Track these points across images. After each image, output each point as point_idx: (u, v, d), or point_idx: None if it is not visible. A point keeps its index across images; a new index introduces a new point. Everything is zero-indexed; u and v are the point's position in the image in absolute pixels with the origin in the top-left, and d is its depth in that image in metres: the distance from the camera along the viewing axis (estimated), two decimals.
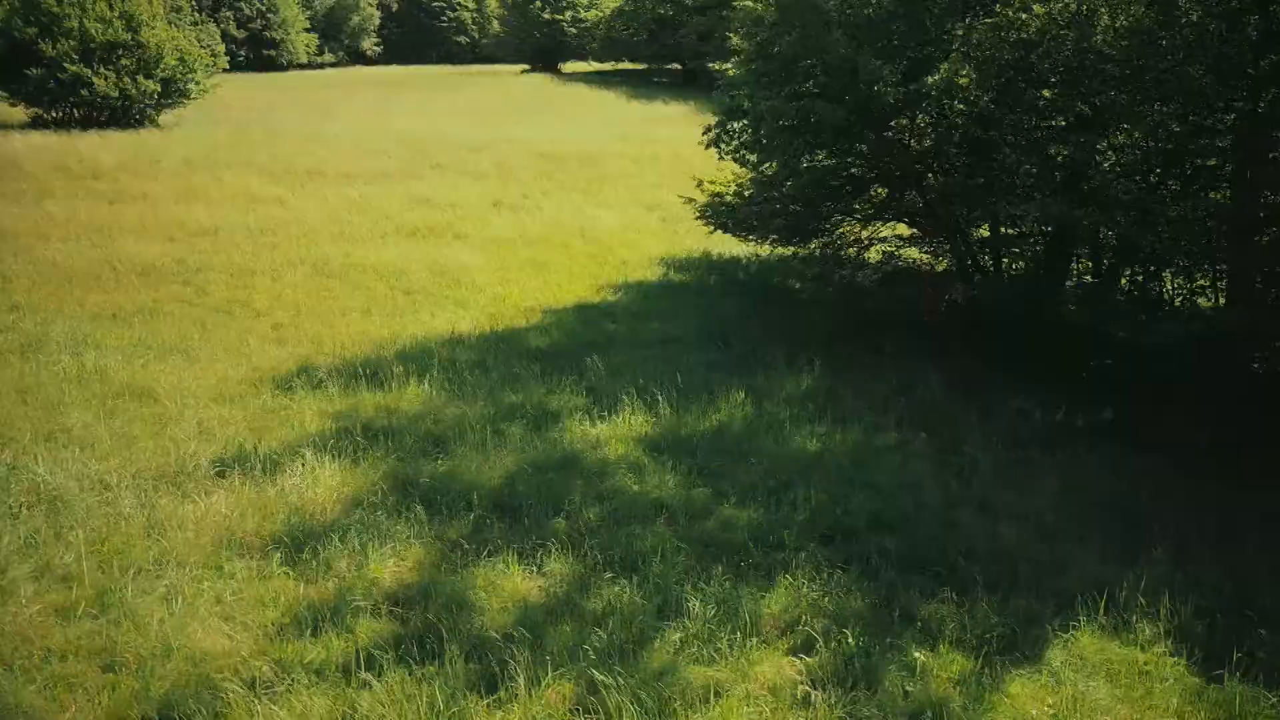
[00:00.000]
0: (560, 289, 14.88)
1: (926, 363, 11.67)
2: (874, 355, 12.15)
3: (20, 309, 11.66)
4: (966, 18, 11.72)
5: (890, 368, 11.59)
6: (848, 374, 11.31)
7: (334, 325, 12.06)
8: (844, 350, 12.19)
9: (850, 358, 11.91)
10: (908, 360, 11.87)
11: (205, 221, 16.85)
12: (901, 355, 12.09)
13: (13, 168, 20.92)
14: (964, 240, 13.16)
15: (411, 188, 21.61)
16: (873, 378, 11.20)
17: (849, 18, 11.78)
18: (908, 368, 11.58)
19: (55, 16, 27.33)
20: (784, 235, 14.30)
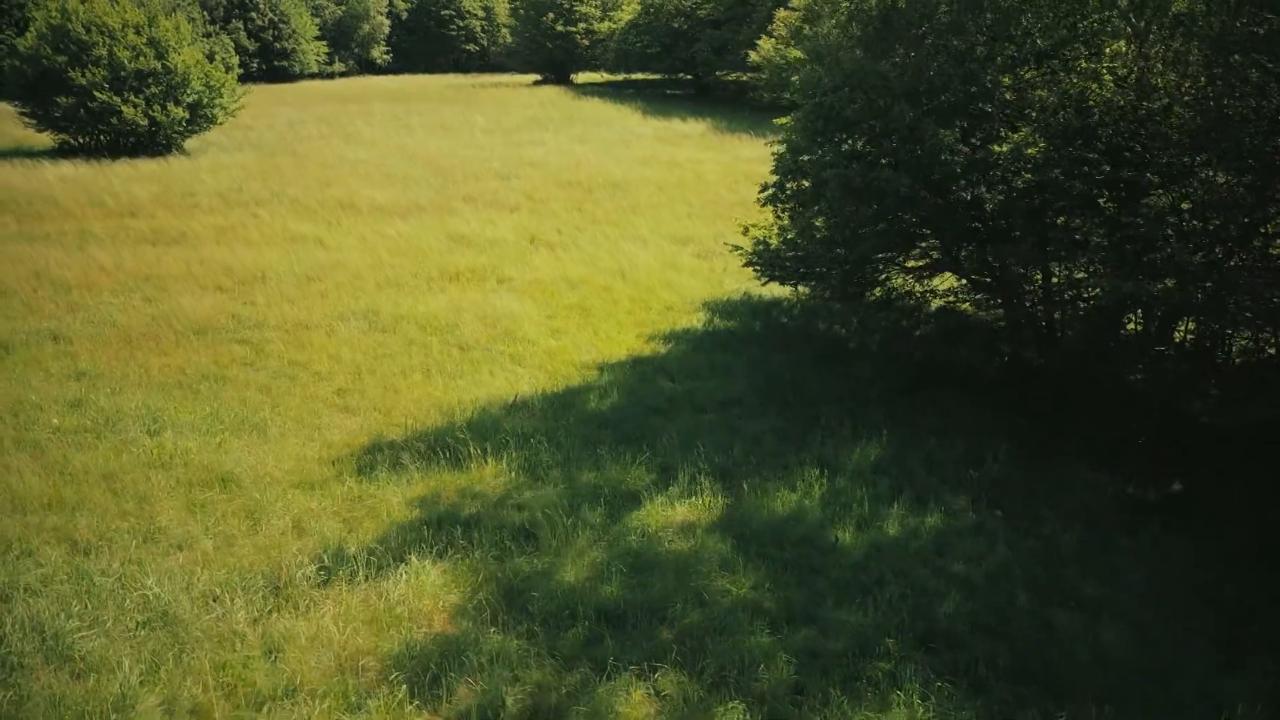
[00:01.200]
0: (610, 340, 14.90)
1: (988, 425, 11.72)
2: (934, 416, 12.16)
3: (87, 377, 11.69)
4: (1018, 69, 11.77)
5: (953, 431, 11.60)
6: (913, 440, 11.32)
7: (398, 389, 12.08)
8: (903, 411, 12.20)
9: (911, 421, 11.92)
10: (968, 421, 11.91)
11: (251, 266, 16.88)
12: (961, 414, 12.12)
13: (50, 204, 20.98)
14: (1019, 300, 13.16)
15: (447, 224, 21.64)
16: (938, 444, 11.21)
17: (911, 85, 11.81)
18: (970, 431, 11.60)
19: (85, 45, 27.38)
20: (838, 290, 14.31)
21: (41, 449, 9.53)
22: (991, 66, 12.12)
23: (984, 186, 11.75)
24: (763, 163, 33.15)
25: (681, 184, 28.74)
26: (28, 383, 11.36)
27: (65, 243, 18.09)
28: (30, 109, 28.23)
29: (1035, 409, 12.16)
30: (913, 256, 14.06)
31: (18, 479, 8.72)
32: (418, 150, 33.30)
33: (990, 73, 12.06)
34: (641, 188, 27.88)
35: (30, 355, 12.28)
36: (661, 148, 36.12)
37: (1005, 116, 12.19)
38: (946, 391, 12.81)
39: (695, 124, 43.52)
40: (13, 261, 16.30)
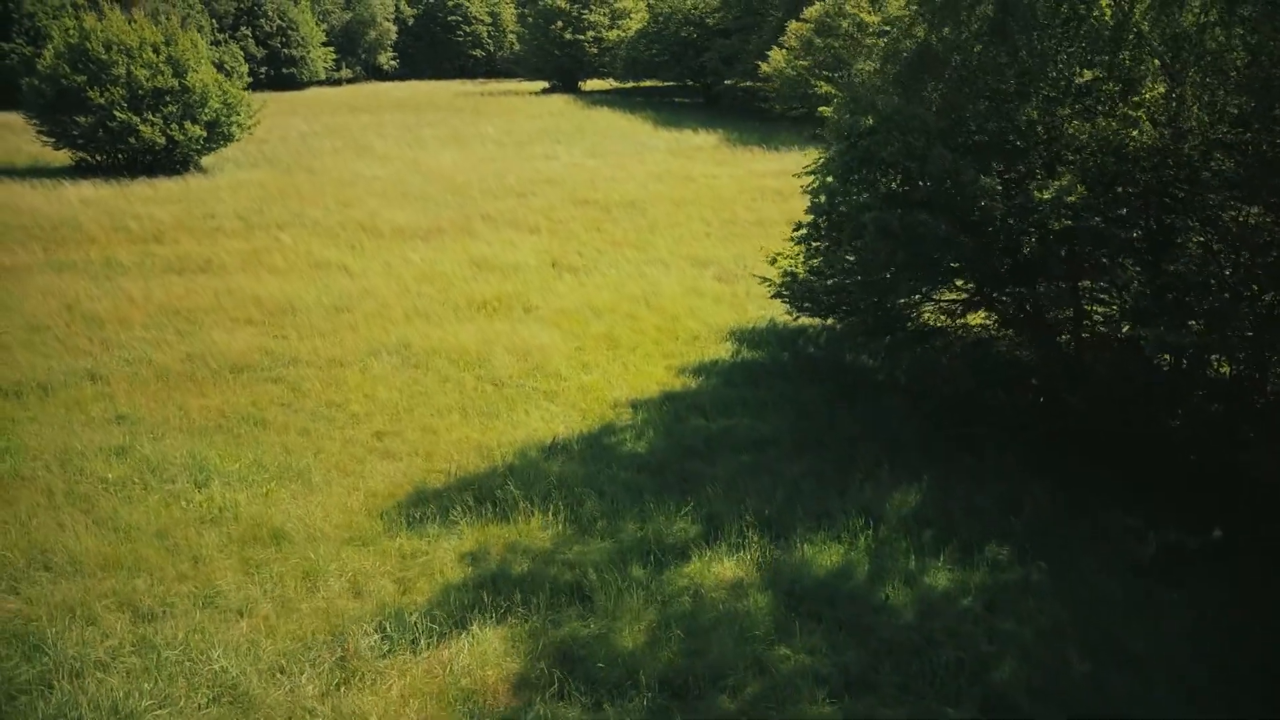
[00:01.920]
0: (639, 373, 14.94)
1: (1022, 465, 11.77)
2: (969, 456, 12.19)
3: (127, 421, 11.74)
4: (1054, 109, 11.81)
5: (989, 473, 11.65)
6: (950, 483, 11.36)
7: (436, 431, 12.13)
8: (938, 450, 12.25)
9: (947, 461, 11.97)
10: (1002, 461, 11.95)
11: (279, 296, 16.94)
12: (995, 454, 12.16)
13: (75, 230, 21.05)
14: (1050, 339, 13.18)
15: (468, 247, 21.69)
16: (975, 488, 11.26)
17: (948, 127, 11.85)
18: (1005, 472, 11.65)
19: (104, 64, 27.44)
20: (869, 325, 14.33)
21: (92, 503, 9.58)
22: (1026, 105, 12.18)
23: (1021, 231, 11.78)
24: (776, 178, 33.43)
25: (698, 201, 28.79)
26: (71, 428, 11.42)
27: (93, 272, 18.15)
28: (48, 127, 28.26)
29: (1069, 449, 12.20)
30: (945, 292, 14.11)
31: (73, 538, 8.76)
32: (432, 165, 33.38)
33: (1025, 111, 12.12)
34: (658, 205, 27.93)
35: (70, 397, 12.34)
36: (675, 161, 36.18)
37: (1042, 157, 12.24)
38: (978, 428, 12.86)
39: (706, 135, 43.59)
40: (44, 294, 16.36)
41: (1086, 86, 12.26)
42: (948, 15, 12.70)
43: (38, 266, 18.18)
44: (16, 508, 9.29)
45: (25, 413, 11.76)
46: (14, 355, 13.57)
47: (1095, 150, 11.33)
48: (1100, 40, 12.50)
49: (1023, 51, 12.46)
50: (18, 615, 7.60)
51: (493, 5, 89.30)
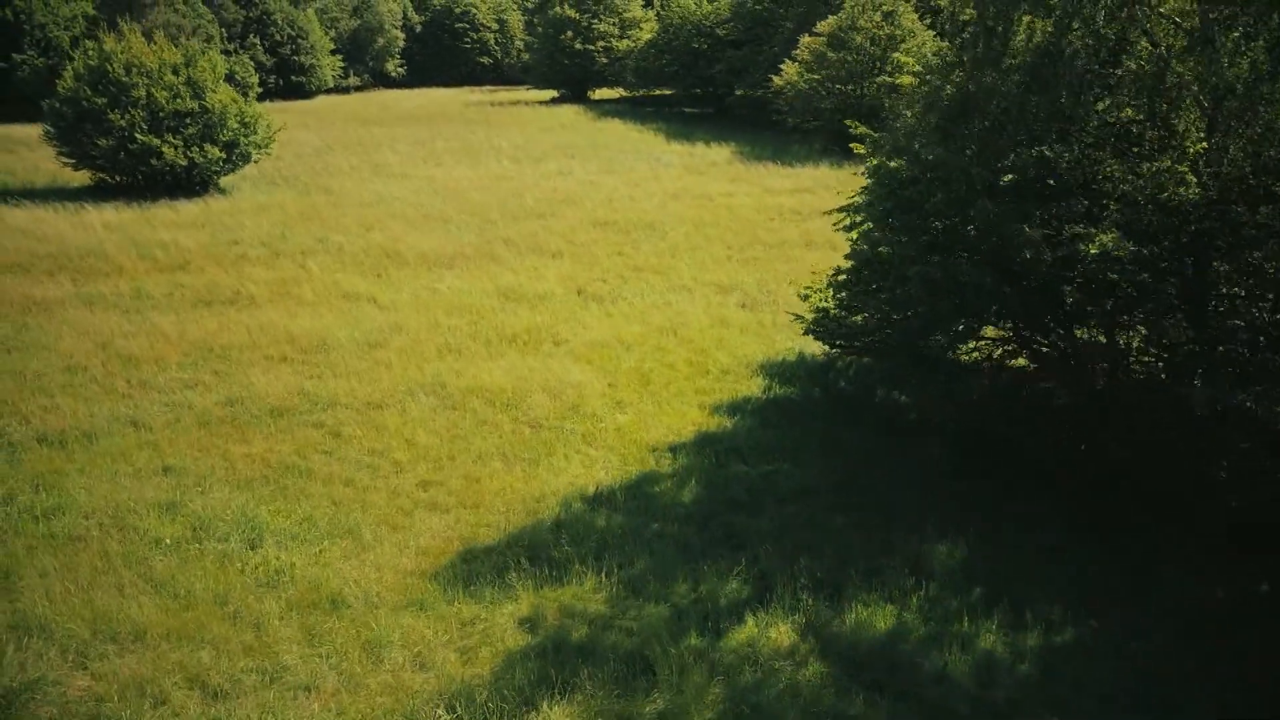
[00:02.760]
0: (674, 412, 14.95)
1: (1063, 512, 11.82)
2: (1009, 502, 12.24)
3: (173, 472, 11.77)
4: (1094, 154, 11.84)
5: (1032, 521, 11.69)
6: (994, 533, 11.41)
7: (479, 480, 12.16)
8: (978, 497, 12.30)
9: (988, 508, 12.01)
10: (1043, 508, 11.99)
11: (311, 332, 16.97)
12: (1035, 501, 12.20)
13: (102, 259, 21.09)
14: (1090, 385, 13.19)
15: (494, 275, 21.71)
16: (1019, 538, 11.31)
17: (990, 177, 11.87)
18: (1047, 520, 11.71)
19: (124, 86, 27.48)
20: (905, 368, 14.35)
21: (149, 565, 9.61)
22: (1067, 150, 12.19)
23: (1064, 281, 11.79)
24: (791, 195, 33.49)
25: (716, 222, 28.82)
26: (118, 480, 11.45)
27: (123, 305, 18.19)
28: (69, 148, 28.31)
29: (1111, 495, 12.20)
30: (983, 336, 14.12)
31: (135, 605, 8.80)
32: (448, 183, 33.41)
33: (1065, 156, 12.13)
34: (677, 227, 27.96)
35: (114, 446, 12.37)
36: (690, 179, 36.19)
37: (1083, 204, 12.25)
38: (1014, 469, 12.89)
39: (719, 149, 43.59)
40: (78, 332, 16.40)
41: (1125, 130, 12.30)
42: (988, 62, 12.74)
43: (68, 300, 18.22)
44: (77, 573, 9.32)
45: (72, 464, 11.79)
46: (56, 400, 13.60)
47: (1139, 203, 11.34)
48: (1140, 86, 12.54)
49: (1063, 97, 12.50)
50: (89, 694, 7.63)
51: (500, 12, 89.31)
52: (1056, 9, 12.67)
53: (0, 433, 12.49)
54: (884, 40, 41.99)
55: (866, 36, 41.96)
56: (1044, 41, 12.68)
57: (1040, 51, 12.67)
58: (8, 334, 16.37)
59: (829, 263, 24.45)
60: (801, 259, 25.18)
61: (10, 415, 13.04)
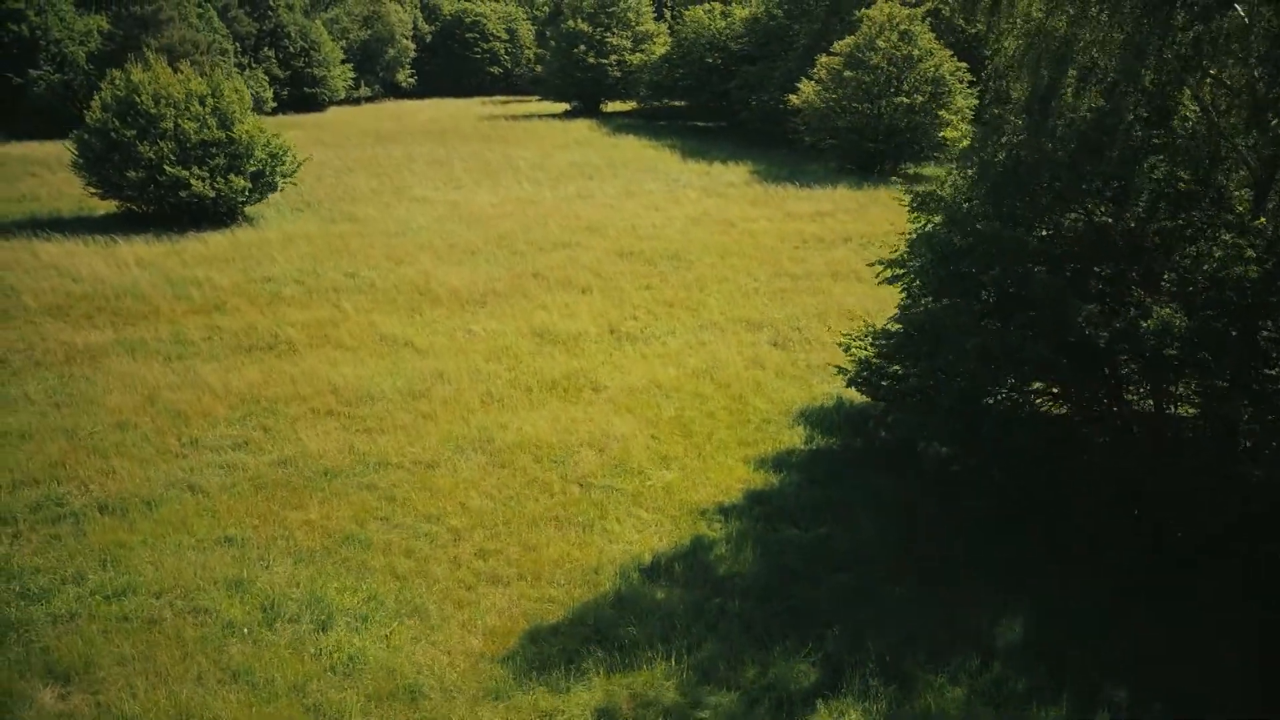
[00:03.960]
0: (719, 467, 15.02)
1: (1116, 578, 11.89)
2: (1062, 563, 12.33)
3: (235, 543, 11.87)
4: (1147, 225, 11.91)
5: (1087, 588, 11.77)
6: (1051, 602, 11.50)
7: (535, 548, 12.25)
8: (1030, 561, 12.38)
9: (1042, 574, 12.09)
10: (1095, 573, 12.07)
11: (354, 381, 17.07)
12: (1086, 562, 12.28)
13: (139, 300, 21.20)
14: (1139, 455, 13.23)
15: (528, 315, 21.78)
16: (1077, 608, 11.39)
17: (1047, 249, 11.96)
18: (1101, 587, 11.78)
19: (153, 118, 27.58)
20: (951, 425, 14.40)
21: (223, 651, 9.70)
22: (1120, 214, 12.27)
23: (1121, 353, 11.86)
24: (813, 220, 33.57)
25: (741, 251, 28.89)
26: (182, 553, 11.54)
27: (165, 351, 18.28)
28: (98, 178, 28.41)
29: (1165, 561, 12.25)
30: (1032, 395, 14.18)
31: (216, 697, 8.89)
32: (471, 208, 33.49)
33: (1120, 226, 12.21)
34: (702, 256, 28.04)
35: (174, 513, 12.46)
36: (710, 201, 36.26)
37: (1138, 272, 12.31)
38: (1062, 526, 12.96)
39: (736, 169, 43.64)
40: (124, 383, 16.49)
41: (1178, 195, 12.37)
42: (1041, 132, 12.83)
43: (110, 347, 18.31)
44: (155, 661, 9.41)
45: (135, 535, 11.87)
46: (111, 462, 13.70)
47: (1197, 279, 11.42)
48: (1191, 151, 12.64)
49: (1114, 152, 12.59)
50: None
51: (510, 22, 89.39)
52: (1109, 76, 12.80)
53: (61, 500, 12.58)
54: (901, 60, 42.04)
55: (884, 56, 42.00)
56: (1095, 110, 12.79)
57: (1092, 120, 12.77)
58: (54, 386, 16.48)
59: (857, 296, 24.71)
60: (829, 291, 25.27)
61: (68, 480, 13.14)
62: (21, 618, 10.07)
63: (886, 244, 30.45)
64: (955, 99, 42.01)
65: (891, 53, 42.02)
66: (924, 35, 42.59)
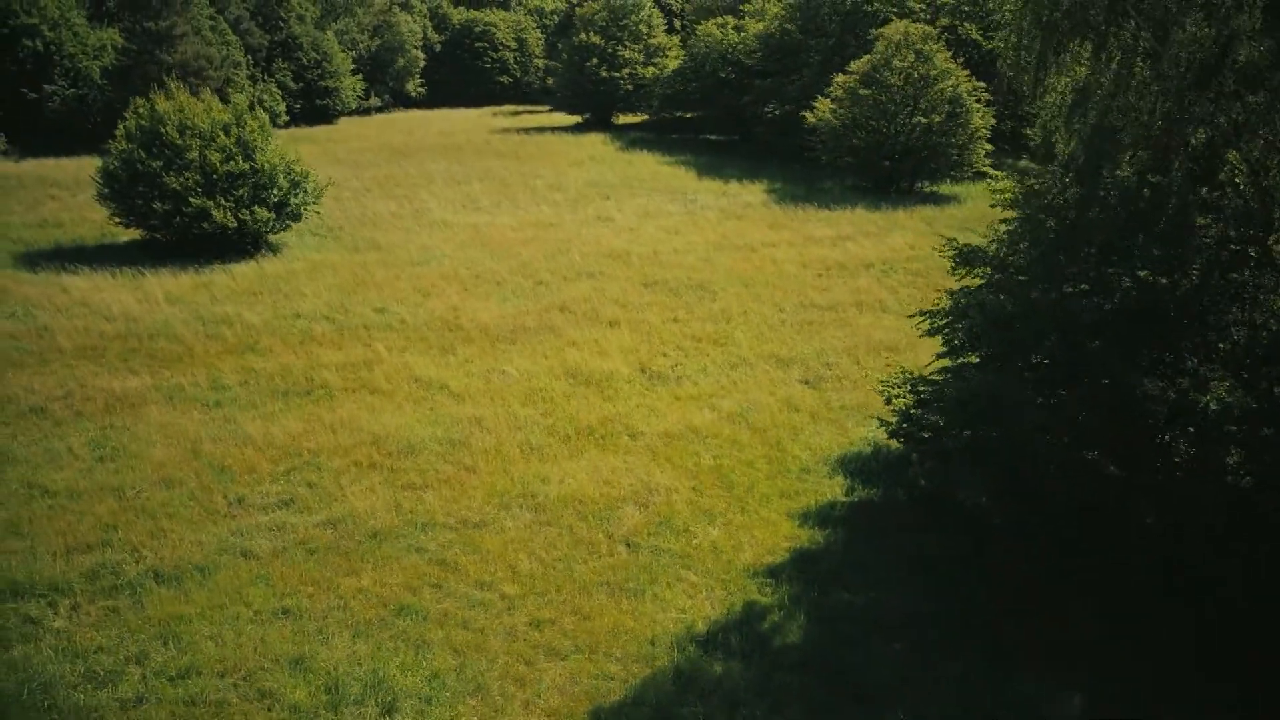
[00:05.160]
0: (764, 523, 15.02)
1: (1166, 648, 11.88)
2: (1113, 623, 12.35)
3: (291, 615, 11.89)
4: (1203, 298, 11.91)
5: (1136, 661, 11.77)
6: (1106, 673, 11.52)
7: (589, 616, 12.26)
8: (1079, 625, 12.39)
9: (1096, 645, 12.10)
10: (1144, 640, 12.08)
11: (393, 431, 17.09)
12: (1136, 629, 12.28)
13: (172, 339, 21.23)
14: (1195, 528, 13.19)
15: (558, 351, 21.81)
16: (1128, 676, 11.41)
17: (1104, 321, 11.95)
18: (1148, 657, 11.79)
19: (179, 149, 27.62)
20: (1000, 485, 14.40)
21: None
22: (1174, 284, 12.26)
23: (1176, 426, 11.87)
24: (834, 245, 33.58)
25: (764, 280, 28.90)
26: (241, 627, 11.56)
27: (202, 398, 18.31)
28: (123, 208, 28.43)
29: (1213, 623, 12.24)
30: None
31: None
32: (492, 234, 33.50)
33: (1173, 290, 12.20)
34: (726, 286, 28.07)
35: (229, 582, 12.48)
36: (729, 224, 36.28)
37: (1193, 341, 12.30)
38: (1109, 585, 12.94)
39: (752, 188, 43.68)
40: (166, 436, 16.52)
41: (1230, 260, 12.37)
42: (1092, 201, 12.84)
43: (149, 394, 18.33)
44: None
45: (192, 607, 11.90)
46: (160, 524, 13.73)
47: (1255, 350, 11.41)
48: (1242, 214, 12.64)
49: (1162, 218, 12.60)
50: None
51: (519, 31, 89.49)
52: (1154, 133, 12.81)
53: (116, 569, 12.61)
54: (918, 80, 42.02)
55: (900, 75, 42.00)
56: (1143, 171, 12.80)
57: (1139, 182, 12.79)
58: (96, 438, 16.51)
59: (884, 328, 24.73)
60: (856, 323, 25.29)
61: (120, 546, 13.16)
62: (90, 703, 10.10)
63: (908, 271, 30.97)
64: (973, 119, 42.01)
65: (909, 72, 42.03)
66: (939, 54, 42.58)
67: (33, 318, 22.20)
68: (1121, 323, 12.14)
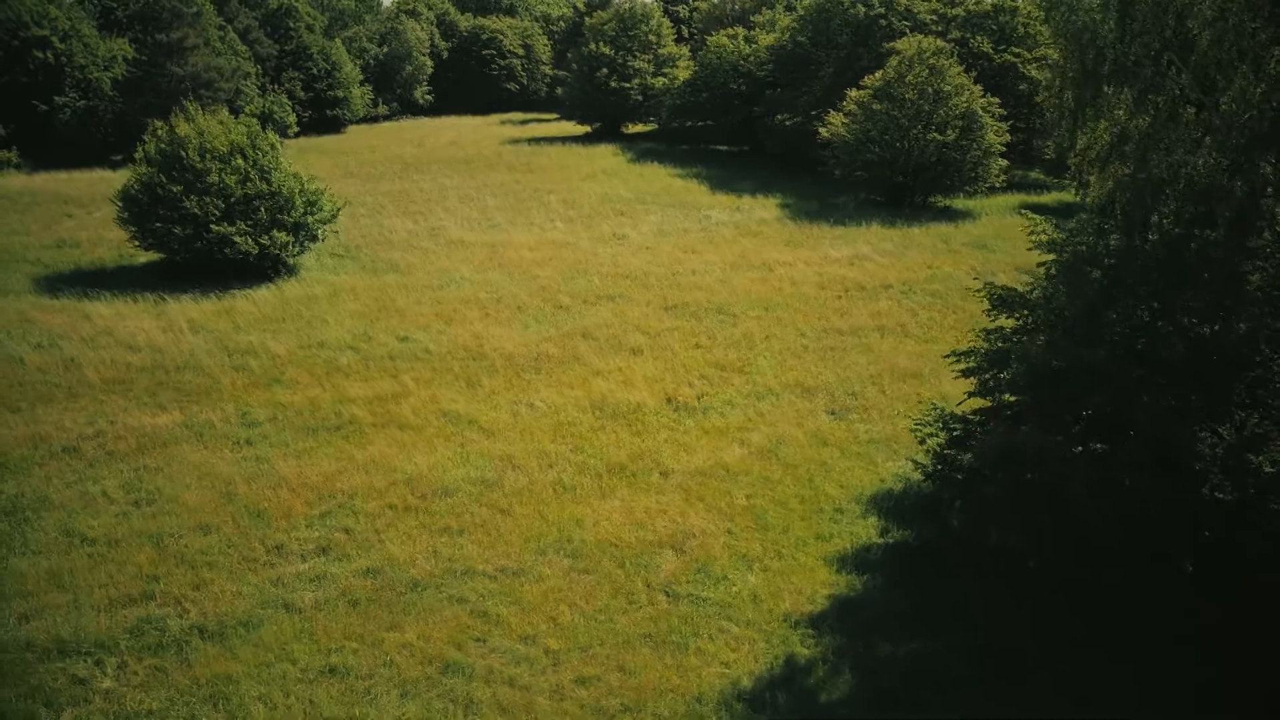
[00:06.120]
0: (801, 569, 14.98)
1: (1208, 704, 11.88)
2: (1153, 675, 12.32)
3: (338, 674, 11.86)
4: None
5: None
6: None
7: (634, 673, 12.24)
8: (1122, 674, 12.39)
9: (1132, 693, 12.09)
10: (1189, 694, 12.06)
11: (426, 472, 17.07)
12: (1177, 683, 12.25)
13: (198, 372, 21.22)
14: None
15: (583, 381, 21.80)
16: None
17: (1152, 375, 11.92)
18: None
19: (199, 172, 27.60)
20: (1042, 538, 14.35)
21: None
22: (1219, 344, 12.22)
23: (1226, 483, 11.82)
24: (851, 265, 33.52)
25: (784, 302, 28.87)
26: (289, 686, 11.54)
27: (232, 435, 18.29)
28: (141, 232, 28.41)
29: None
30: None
31: None
32: (509, 253, 33.50)
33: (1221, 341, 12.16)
34: (747, 309, 28.04)
35: (274, 637, 12.45)
36: (745, 243, 36.24)
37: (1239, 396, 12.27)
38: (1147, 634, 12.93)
39: (765, 202, 43.66)
40: (199, 477, 16.50)
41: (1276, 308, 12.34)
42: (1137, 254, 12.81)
43: (179, 431, 18.31)
44: None
45: (239, 665, 11.87)
46: (200, 574, 13.71)
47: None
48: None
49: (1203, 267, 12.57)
50: None
51: (526, 37, 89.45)
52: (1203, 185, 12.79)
53: (160, 625, 12.58)
54: (932, 95, 41.98)
55: (914, 90, 41.97)
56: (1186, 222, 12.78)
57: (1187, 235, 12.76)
58: (130, 480, 16.48)
59: (907, 354, 24.71)
60: (878, 349, 25.25)
61: (163, 599, 13.14)
62: None
63: (927, 291, 30.93)
64: (987, 135, 41.96)
65: (923, 87, 41.99)
66: (952, 68, 42.53)
67: (59, 349, 22.19)
68: (1168, 378, 12.11)
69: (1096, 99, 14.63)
